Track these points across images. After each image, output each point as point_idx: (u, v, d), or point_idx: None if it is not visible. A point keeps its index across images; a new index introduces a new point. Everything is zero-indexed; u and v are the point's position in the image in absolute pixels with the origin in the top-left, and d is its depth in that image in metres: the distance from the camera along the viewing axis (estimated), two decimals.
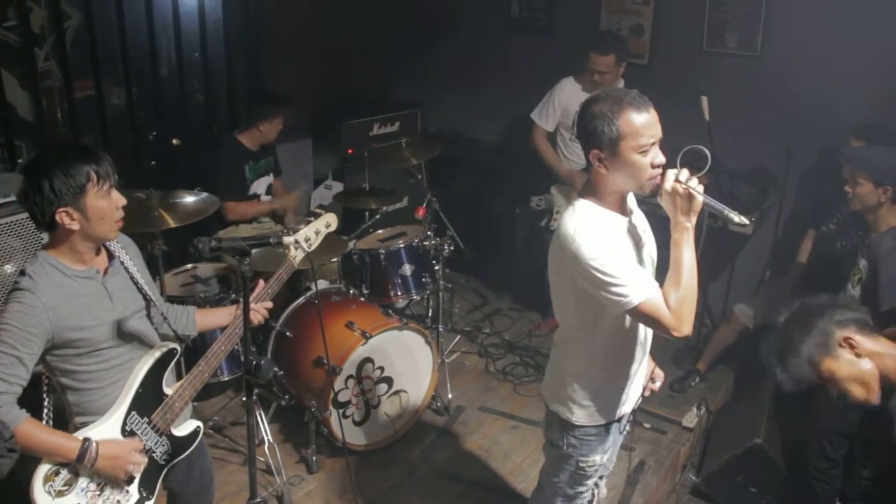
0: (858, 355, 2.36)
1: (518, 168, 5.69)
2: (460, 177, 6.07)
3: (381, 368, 4.01)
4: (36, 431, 2.27)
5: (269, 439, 3.90)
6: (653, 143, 2.29)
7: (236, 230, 4.57)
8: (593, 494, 3.02)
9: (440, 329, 4.74)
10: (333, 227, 3.08)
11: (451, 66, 6.40)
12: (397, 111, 6.33)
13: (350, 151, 5.87)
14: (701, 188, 2.27)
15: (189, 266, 4.29)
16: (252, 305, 2.65)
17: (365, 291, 4.46)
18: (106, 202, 2.34)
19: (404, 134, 5.96)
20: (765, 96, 4.91)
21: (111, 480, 2.42)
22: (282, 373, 4.01)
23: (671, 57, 5.35)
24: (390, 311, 4.23)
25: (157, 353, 2.55)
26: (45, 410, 2.51)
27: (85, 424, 2.44)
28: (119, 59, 5.01)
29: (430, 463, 4.11)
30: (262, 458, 3.84)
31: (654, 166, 2.30)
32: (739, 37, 5.04)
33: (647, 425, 4.41)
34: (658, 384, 2.94)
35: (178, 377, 2.68)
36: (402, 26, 6.46)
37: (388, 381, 4.07)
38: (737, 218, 2.24)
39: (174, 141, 5.19)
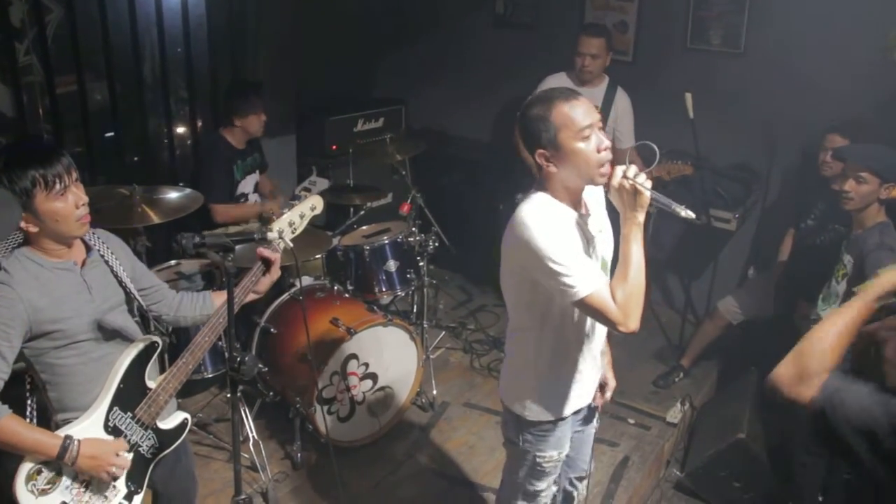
0: None
1: (502, 164, 5.69)
2: (445, 173, 6.08)
3: (366, 364, 4.01)
4: (17, 428, 2.25)
5: (253, 436, 3.89)
6: (591, 126, 2.31)
7: (225, 228, 4.52)
8: (572, 496, 3.03)
9: (425, 325, 4.73)
10: (319, 210, 2.99)
11: (435, 62, 6.40)
12: (381, 107, 6.31)
13: (334, 148, 5.85)
14: (649, 184, 2.28)
15: (172, 262, 4.26)
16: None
17: (349, 288, 4.45)
18: (60, 204, 2.29)
19: (388, 130, 5.95)
20: (748, 94, 4.95)
21: (96, 477, 2.41)
22: (266, 369, 3.99)
23: (655, 54, 5.37)
24: (375, 308, 4.23)
25: (138, 347, 2.51)
26: (29, 409, 2.49)
27: (67, 421, 2.42)
28: (101, 54, 4.96)
29: (415, 459, 4.11)
30: (246, 455, 3.83)
31: (599, 151, 2.32)
32: (723, 34, 5.06)
33: (631, 421, 4.43)
34: (609, 395, 2.94)
35: (162, 370, 2.65)
36: (386, 22, 6.45)
37: (373, 377, 4.06)
38: (682, 212, 2.26)
39: None
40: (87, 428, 2.40)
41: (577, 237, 2.44)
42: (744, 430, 3.93)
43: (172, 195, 3.81)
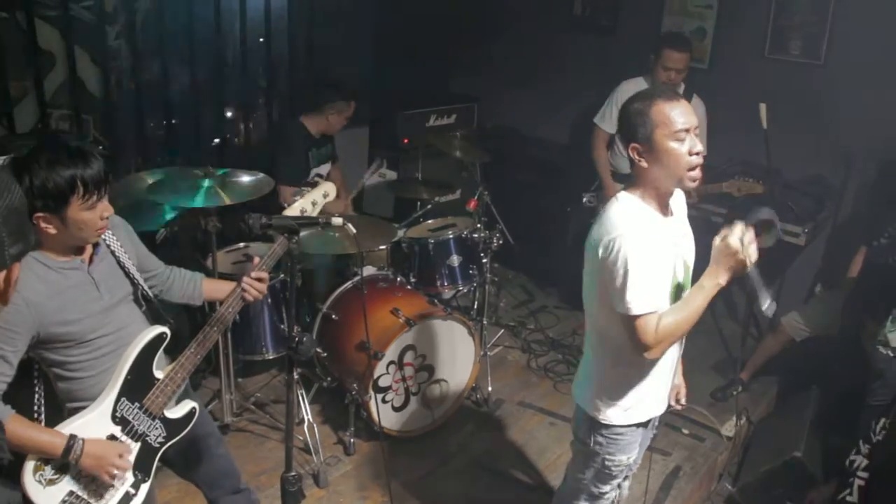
0: None
1: (572, 166, 5.68)
2: (514, 172, 6.09)
3: (423, 356, 4.06)
4: (20, 429, 2.22)
5: (308, 419, 3.97)
6: (687, 130, 2.34)
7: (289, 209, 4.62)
8: (617, 494, 3.03)
9: (484, 322, 4.76)
10: (332, 197, 2.93)
11: (510, 61, 6.42)
12: (454, 104, 6.37)
13: (406, 141, 5.92)
14: (755, 257, 2.34)
15: (241, 245, 4.39)
16: (246, 279, 2.61)
17: (412, 280, 4.51)
18: (89, 214, 2.25)
19: (460, 127, 6.00)
20: (826, 106, 4.84)
21: (97, 477, 2.39)
22: (325, 354, 4.08)
23: (732, 62, 5.29)
24: (436, 301, 4.27)
25: (145, 339, 2.47)
26: (37, 396, 2.48)
27: (77, 410, 2.41)
28: (186, 40, 5.13)
29: (466, 453, 4.15)
30: (300, 437, 3.92)
31: (691, 154, 2.34)
32: (803, 44, 4.97)
33: (686, 431, 4.39)
34: (683, 401, 2.94)
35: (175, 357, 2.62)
36: (463, 19, 6.49)
37: (430, 369, 4.11)
38: (764, 305, 2.35)
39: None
40: (95, 418, 2.39)
41: (661, 244, 2.46)
42: (801, 449, 3.85)
43: (245, 179, 3.91)
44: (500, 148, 5.20)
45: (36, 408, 2.44)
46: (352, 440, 4.02)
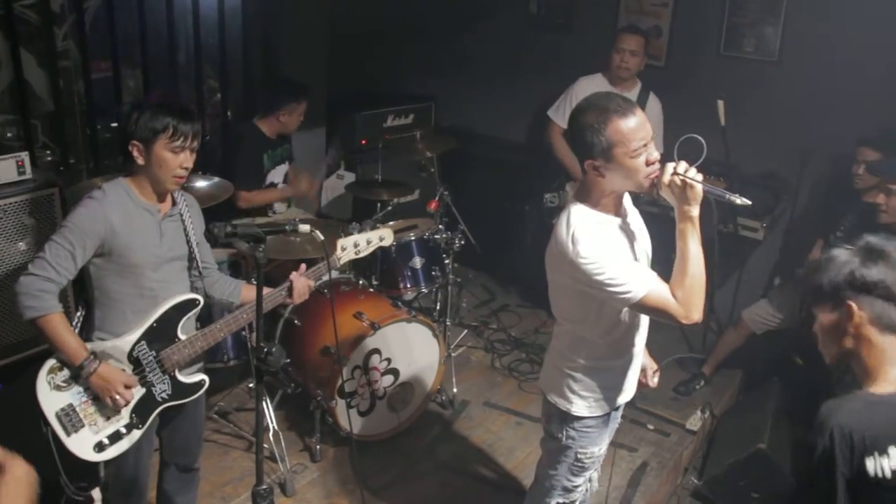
0: (846, 330, 2.09)
1: (531, 165, 5.68)
2: (473, 172, 6.08)
3: (388, 360, 4.02)
4: (59, 326, 2.53)
5: (273, 426, 3.91)
6: (644, 145, 2.31)
7: (252, 219, 4.54)
8: (588, 487, 3.04)
9: (447, 323, 4.74)
10: (387, 243, 3.30)
11: (466, 60, 6.39)
12: (412, 104, 6.33)
13: (363, 142, 5.87)
14: (700, 177, 2.29)
15: None
16: (296, 275, 2.92)
17: (374, 283, 4.47)
18: (171, 156, 2.58)
19: (418, 127, 5.96)
20: (781, 102, 4.92)
21: (101, 398, 2.62)
22: (289, 361, 4.01)
23: (688, 60, 5.34)
24: (399, 303, 4.23)
25: (179, 298, 2.73)
26: (76, 319, 2.84)
27: (102, 340, 2.68)
28: (137, 41, 5.01)
29: (434, 456, 4.12)
30: (266, 446, 3.83)
31: (649, 164, 2.33)
32: (757, 42, 5.04)
33: (651, 427, 4.41)
34: (657, 379, 2.96)
35: None
36: (419, 19, 6.46)
37: (395, 372, 4.07)
38: (738, 200, 2.27)
39: None
40: (115, 349, 2.65)
41: (623, 242, 2.47)
42: (764, 441, 3.90)
43: (201, 184, 3.83)
44: (458, 147, 5.18)
45: (74, 326, 2.74)
46: (318, 447, 3.97)
